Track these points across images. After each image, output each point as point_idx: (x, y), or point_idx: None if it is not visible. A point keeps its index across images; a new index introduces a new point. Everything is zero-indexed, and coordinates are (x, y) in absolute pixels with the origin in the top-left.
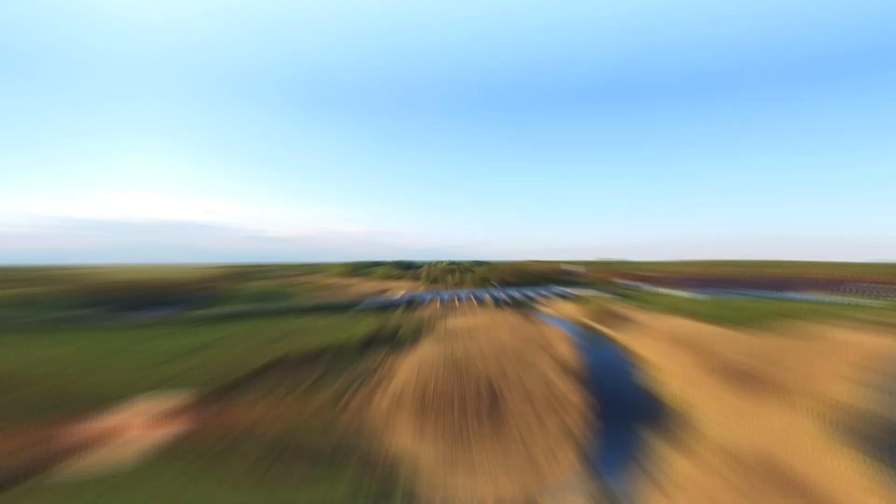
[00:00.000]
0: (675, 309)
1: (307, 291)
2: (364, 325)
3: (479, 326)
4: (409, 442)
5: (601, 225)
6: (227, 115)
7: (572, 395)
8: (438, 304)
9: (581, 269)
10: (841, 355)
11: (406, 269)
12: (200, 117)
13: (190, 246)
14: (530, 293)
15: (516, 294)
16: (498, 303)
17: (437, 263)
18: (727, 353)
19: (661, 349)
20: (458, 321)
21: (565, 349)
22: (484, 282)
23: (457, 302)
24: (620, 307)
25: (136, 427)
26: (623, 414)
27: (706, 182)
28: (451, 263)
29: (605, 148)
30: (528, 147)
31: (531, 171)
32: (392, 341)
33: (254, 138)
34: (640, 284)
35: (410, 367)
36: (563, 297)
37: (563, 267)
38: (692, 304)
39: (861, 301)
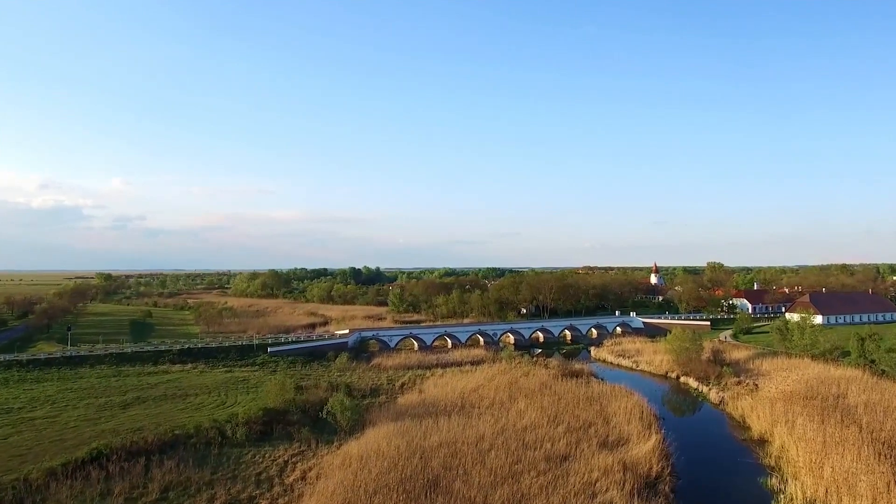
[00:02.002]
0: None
1: (189, 322)
2: (268, 389)
3: (482, 394)
4: None
5: (704, 210)
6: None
7: None
8: (416, 349)
9: (674, 284)
10: None
11: (366, 283)
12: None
13: (20, 244)
14: (584, 327)
15: (559, 329)
16: (524, 347)
17: (422, 275)
18: None
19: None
20: (446, 382)
21: (648, 446)
22: (503, 307)
23: (449, 344)
24: (743, 351)
25: None
26: None
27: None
28: (448, 274)
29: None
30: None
31: (593, 113)
32: (312, 425)
33: (118, 63)
34: (765, 307)
35: (333, 484)
36: (643, 333)
37: (645, 280)
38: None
39: None
